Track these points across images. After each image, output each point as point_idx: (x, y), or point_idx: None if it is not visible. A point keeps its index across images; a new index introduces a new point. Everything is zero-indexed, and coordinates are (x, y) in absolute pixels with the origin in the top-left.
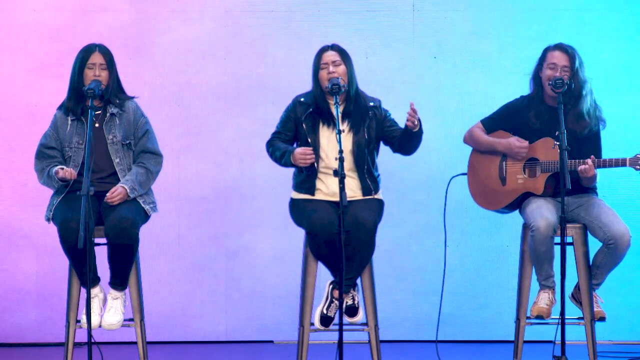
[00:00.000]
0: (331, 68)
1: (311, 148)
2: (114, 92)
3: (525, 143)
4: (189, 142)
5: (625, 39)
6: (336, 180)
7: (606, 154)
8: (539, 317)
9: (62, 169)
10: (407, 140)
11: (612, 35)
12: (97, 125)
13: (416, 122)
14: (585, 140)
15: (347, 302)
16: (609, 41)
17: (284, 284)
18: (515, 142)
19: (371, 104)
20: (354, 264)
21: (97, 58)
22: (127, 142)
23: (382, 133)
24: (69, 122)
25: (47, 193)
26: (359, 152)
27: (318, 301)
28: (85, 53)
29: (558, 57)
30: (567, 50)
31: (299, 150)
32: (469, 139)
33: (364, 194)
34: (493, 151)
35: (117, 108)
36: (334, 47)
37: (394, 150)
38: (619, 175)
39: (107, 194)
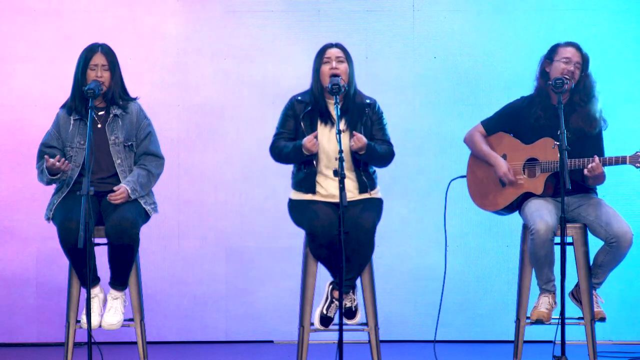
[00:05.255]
0: (334, 64)
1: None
2: (117, 93)
3: (513, 178)
4: (189, 142)
5: (624, 38)
6: (334, 182)
7: (606, 153)
8: (539, 321)
9: (53, 158)
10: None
11: (611, 34)
12: (99, 125)
13: (355, 148)
14: (588, 139)
15: (345, 305)
16: (608, 40)
17: (284, 284)
18: (505, 168)
19: (367, 101)
20: (353, 265)
21: (99, 59)
22: (129, 143)
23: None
24: (72, 121)
25: (47, 193)
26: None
27: (318, 301)
28: (88, 53)
29: (572, 53)
30: (580, 48)
31: (307, 138)
32: (468, 141)
33: (360, 192)
34: (486, 161)
35: (120, 109)
36: (338, 45)
37: None
38: (618, 175)
39: (111, 193)
